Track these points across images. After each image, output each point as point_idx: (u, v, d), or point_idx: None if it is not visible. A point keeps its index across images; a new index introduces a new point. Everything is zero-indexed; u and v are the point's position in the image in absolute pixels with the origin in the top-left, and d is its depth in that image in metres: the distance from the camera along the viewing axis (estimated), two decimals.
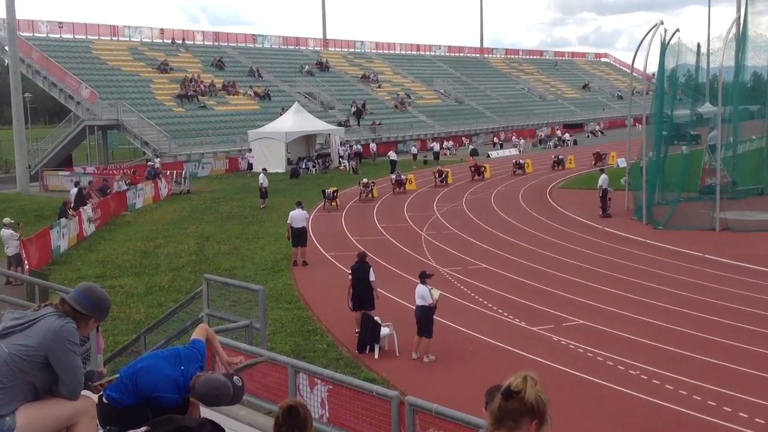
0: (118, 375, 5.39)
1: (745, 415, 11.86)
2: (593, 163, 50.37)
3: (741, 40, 31.88)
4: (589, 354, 14.89)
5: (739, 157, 35.80)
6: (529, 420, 3.10)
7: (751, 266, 22.18)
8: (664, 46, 31.44)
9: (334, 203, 35.10)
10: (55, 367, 4.47)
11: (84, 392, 4.74)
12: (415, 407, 7.80)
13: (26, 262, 21.62)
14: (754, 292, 19.27)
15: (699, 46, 37.77)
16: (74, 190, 33.81)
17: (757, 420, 11.69)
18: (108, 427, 5.06)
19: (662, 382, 13.31)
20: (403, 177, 41.73)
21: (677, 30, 32.34)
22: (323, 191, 35.76)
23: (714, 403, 12.34)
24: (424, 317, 14.69)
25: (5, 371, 4.38)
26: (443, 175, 43.71)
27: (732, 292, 19.30)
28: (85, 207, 30.07)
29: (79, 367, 4.59)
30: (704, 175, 33.84)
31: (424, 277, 14.99)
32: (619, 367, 14.14)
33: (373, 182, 39.58)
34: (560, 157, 52.61)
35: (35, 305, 4.82)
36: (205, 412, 6.97)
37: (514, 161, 51.16)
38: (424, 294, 14.70)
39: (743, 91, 33.67)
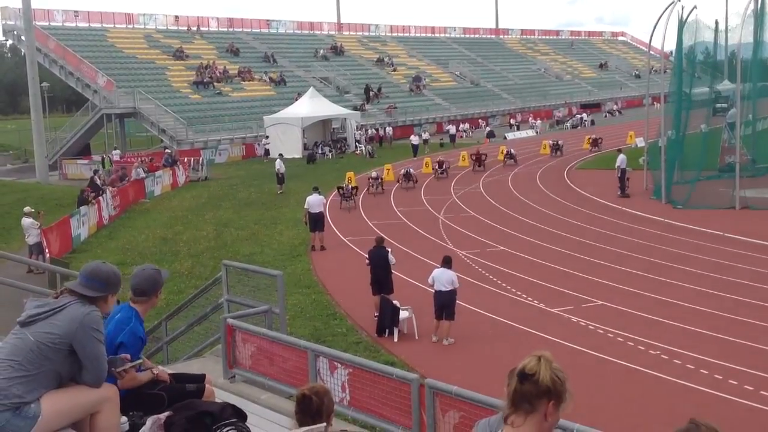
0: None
1: (767, 394, 11.81)
2: (589, 150, 48.32)
3: (759, 15, 31.47)
4: (609, 334, 14.86)
5: (758, 135, 35.43)
6: (546, 401, 3.09)
7: None
8: (681, 24, 31.11)
9: (351, 201, 31.27)
10: (79, 355, 4.50)
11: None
12: (435, 390, 7.81)
13: (47, 250, 21.80)
14: None
15: (717, 23, 37.36)
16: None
17: None
18: (131, 413, 5.11)
19: (683, 361, 13.27)
20: (412, 171, 36.93)
21: (695, 7, 32.03)
22: (339, 188, 32.08)
23: (735, 382, 12.29)
24: (452, 301, 14.71)
25: (31, 358, 4.42)
26: (443, 167, 39.31)
27: (752, 271, 19.16)
28: (101, 195, 30.17)
29: (103, 354, 4.63)
30: (723, 154, 33.53)
31: (449, 263, 14.98)
32: (640, 347, 14.10)
33: (381, 177, 35.94)
34: (559, 142, 48.79)
35: (54, 292, 4.85)
36: (227, 397, 7.02)
37: (506, 152, 44.94)
38: (453, 279, 14.70)
39: (762, 67, 33.26)
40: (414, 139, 50.11)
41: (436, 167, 39.43)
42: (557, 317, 16.13)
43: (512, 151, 44.97)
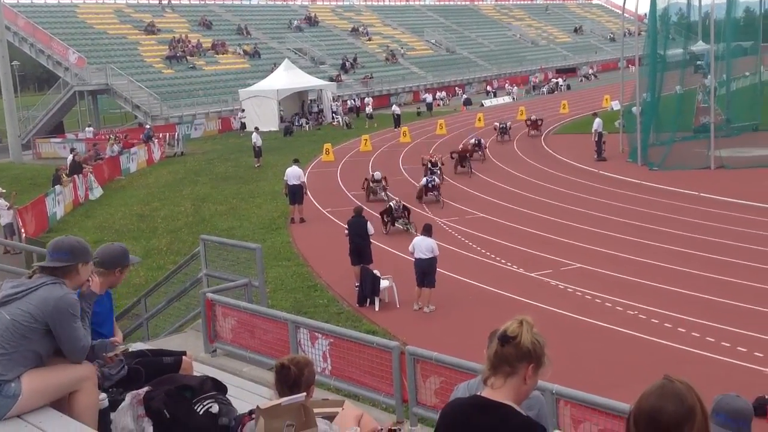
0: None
1: (744, 350, 12.00)
2: (527, 132, 41.18)
3: None
4: (587, 297, 15.00)
5: (732, 95, 35.65)
6: (526, 364, 3.13)
7: (747, 203, 22.23)
8: None
9: (407, 225, 21.07)
10: (56, 336, 4.52)
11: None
12: (415, 356, 7.88)
13: (23, 230, 21.60)
14: (750, 229, 19.36)
15: None
16: (70, 158, 33.70)
17: (756, 354, 11.82)
18: (110, 389, 5.10)
19: (661, 321, 13.44)
20: (436, 180, 25.56)
21: None
22: (385, 214, 21.37)
23: (713, 339, 12.47)
24: (432, 268, 14.78)
25: (8, 337, 4.44)
26: (438, 165, 27.87)
27: (728, 230, 19.37)
28: (79, 175, 29.86)
29: (78, 334, 4.60)
30: (698, 114, 33.72)
31: (429, 230, 15.06)
32: (618, 308, 14.25)
33: (385, 181, 26.40)
34: (507, 123, 40.54)
35: (28, 272, 4.85)
36: (208, 371, 7.02)
37: (474, 141, 35.03)
38: (432, 246, 14.75)
39: (735, 27, 33.39)
40: (396, 110, 49.59)
41: (429, 165, 27.78)
42: (536, 281, 16.25)
43: (481, 140, 35.26)
